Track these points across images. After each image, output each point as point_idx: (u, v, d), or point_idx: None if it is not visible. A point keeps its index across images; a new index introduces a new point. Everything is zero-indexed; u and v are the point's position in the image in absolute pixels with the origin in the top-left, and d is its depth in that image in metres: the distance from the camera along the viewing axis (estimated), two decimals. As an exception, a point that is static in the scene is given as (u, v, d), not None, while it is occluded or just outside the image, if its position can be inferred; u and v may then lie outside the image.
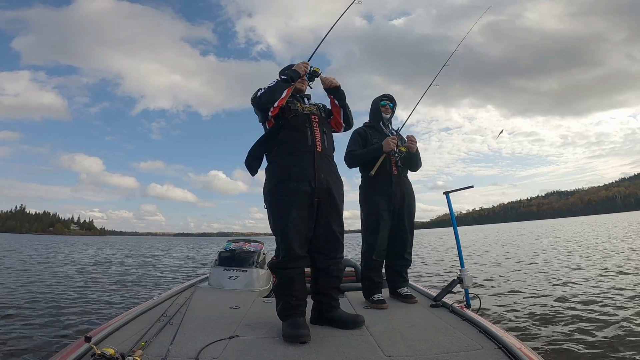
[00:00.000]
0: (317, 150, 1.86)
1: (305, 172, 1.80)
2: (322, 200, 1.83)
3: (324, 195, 1.83)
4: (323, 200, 1.84)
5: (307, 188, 1.78)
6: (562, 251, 10.46)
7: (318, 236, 1.84)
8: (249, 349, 1.50)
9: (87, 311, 3.99)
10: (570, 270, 6.56)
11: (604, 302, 3.86)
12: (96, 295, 5.01)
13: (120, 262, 11.57)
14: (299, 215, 1.76)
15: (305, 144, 1.86)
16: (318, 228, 1.84)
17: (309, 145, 1.86)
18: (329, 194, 1.85)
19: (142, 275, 7.89)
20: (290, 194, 1.77)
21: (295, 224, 1.75)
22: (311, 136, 1.88)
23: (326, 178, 1.85)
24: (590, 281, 5.24)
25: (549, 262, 8.05)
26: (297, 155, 1.84)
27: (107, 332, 1.61)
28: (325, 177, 1.84)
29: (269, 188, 1.86)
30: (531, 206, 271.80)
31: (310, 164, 1.82)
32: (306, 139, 1.87)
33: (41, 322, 3.42)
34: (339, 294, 1.94)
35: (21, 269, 8.28)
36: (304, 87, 2.06)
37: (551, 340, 2.80)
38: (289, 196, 1.77)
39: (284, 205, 1.77)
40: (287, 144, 1.87)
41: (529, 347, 1.53)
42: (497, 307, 3.94)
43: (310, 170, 1.81)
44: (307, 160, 1.83)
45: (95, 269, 9.00)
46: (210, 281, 3.06)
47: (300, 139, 1.87)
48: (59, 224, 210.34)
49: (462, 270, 2.28)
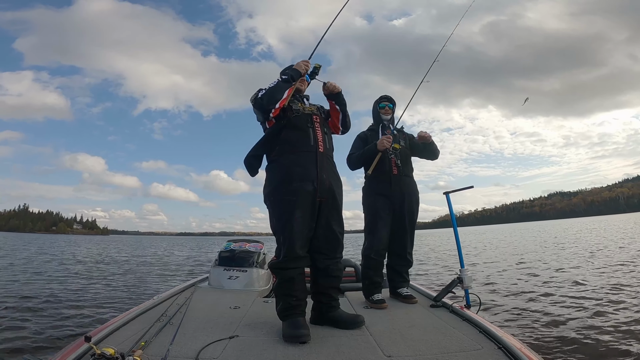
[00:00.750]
0: (319, 151, 1.86)
1: (307, 172, 1.80)
2: (323, 200, 1.83)
3: (326, 195, 1.83)
4: (325, 200, 1.83)
5: (309, 188, 1.78)
6: (562, 251, 10.44)
7: (318, 236, 1.84)
8: (249, 349, 1.50)
9: (87, 311, 3.99)
10: (571, 270, 6.55)
11: (604, 303, 3.85)
12: (96, 295, 5.02)
13: (121, 261, 11.58)
14: (301, 215, 1.75)
15: (307, 144, 1.86)
16: (319, 228, 1.83)
17: (311, 145, 1.86)
18: (330, 194, 1.85)
19: (144, 275, 7.91)
20: (293, 193, 1.76)
21: (298, 224, 1.74)
22: (313, 136, 1.88)
23: (328, 178, 1.85)
24: (591, 281, 5.23)
25: (549, 262, 8.04)
26: (300, 155, 1.84)
27: (107, 332, 1.61)
28: (328, 177, 1.85)
29: (271, 188, 1.85)
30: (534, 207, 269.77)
31: (313, 164, 1.82)
32: (308, 139, 1.87)
33: (41, 322, 3.43)
34: (339, 294, 1.93)
35: (21, 269, 8.29)
36: (303, 88, 2.06)
37: (551, 340, 2.79)
38: (291, 196, 1.76)
39: (287, 205, 1.76)
40: (289, 143, 1.86)
41: (529, 347, 1.53)
42: (497, 307, 3.93)
43: (313, 170, 1.81)
44: (309, 160, 1.83)
45: (96, 269, 9.02)
46: (210, 281, 3.06)
47: (302, 139, 1.86)
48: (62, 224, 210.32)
49: (462, 270, 2.28)
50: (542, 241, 16.05)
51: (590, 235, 18.16)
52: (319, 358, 1.41)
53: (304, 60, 1.95)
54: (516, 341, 1.52)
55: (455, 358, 1.40)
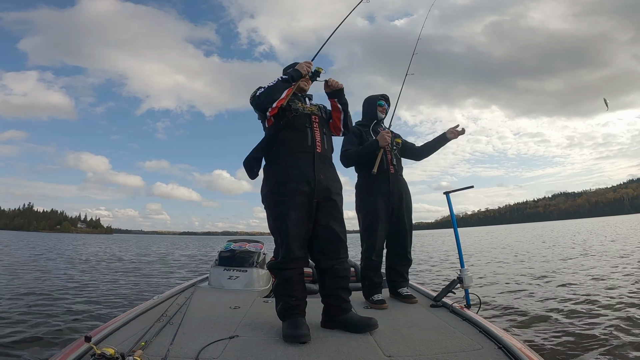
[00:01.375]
0: (317, 151, 1.85)
1: (304, 173, 1.79)
2: (321, 201, 1.82)
3: (324, 196, 1.82)
4: (322, 201, 1.83)
5: (306, 189, 1.77)
6: (563, 252, 10.41)
7: (320, 237, 1.82)
8: (249, 349, 1.50)
9: (87, 311, 4.00)
10: (571, 271, 6.53)
11: (605, 303, 3.84)
12: (97, 295, 5.02)
13: (123, 260, 11.60)
14: (298, 216, 1.75)
15: (305, 145, 1.85)
16: (319, 229, 1.81)
17: (308, 145, 1.85)
18: (328, 194, 1.84)
19: (147, 274, 7.91)
20: (289, 194, 1.76)
21: (295, 225, 1.74)
22: (311, 136, 1.87)
23: (326, 179, 1.84)
24: (592, 282, 5.22)
25: (550, 262, 8.02)
26: (296, 156, 1.83)
27: (107, 332, 1.61)
28: (325, 178, 1.83)
29: (267, 189, 1.85)
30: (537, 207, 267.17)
31: (310, 165, 1.81)
32: (306, 140, 1.85)
33: (41, 322, 3.42)
34: (349, 295, 1.87)
35: (21, 268, 8.31)
36: (306, 87, 2.03)
37: (551, 340, 2.78)
38: (287, 197, 1.76)
39: (283, 205, 1.76)
40: (286, 144, 1.85)
41: (529, 347, 1.52)
42: (497, 307, 3.92)
43: (310, 171, 1.80)
44: (306, 161, 1.82)
45: (97, 268, 9.02)
46: (210, 281, 3.07)
47: (300, 140, 1.85)
48: (66, 222, 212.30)
49: (462, 270, 2.28)
50: (547, 241, 16.01)
51: (591, 236, 18.10)
52: (319, 358, 1.41)
53: (307, 62, 1.93)
54: (516, 341, 1.52)
55: (456, 358, 1.40)
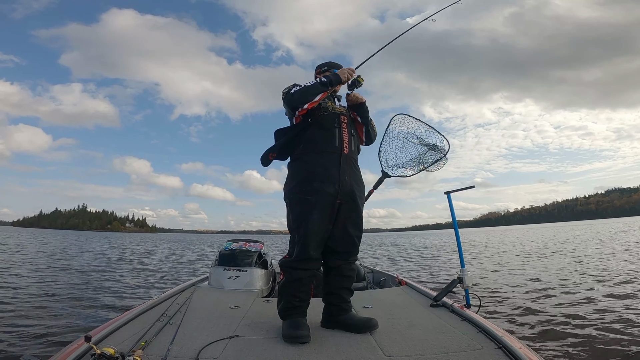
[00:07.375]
0: (344, 152, 1.83)
1: (329, 173, 1.77)
2: (343, 202, 1.80)
3: (346, 198, 1.80)
4: (344, 203, 1.81)
5: (330, 189, 1.75)
6: (563, 252, 10.44)
7: (335, 238, 1.81)
8: (249, 349, 1.50)
9: (87, 310, 3.99)
10: (572, 271, 6.55)
11: (605, 303, 3.86)
12: (97, 295, 5.01)
13: (138, 259, 11.55)
14: (319, 216, 1.73)
15: (332, 145, 1.83)
16: (336, 230, 1.80)
17: (335, 146, 1.83)
18: (351, 196, 1.82)
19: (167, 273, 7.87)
20: (313, 193, 1.74)
21: (314, 225, 1.72)
22: (339, 137, 1.85)
23: (350, 180, 1.82)
24: (592, 282, 5.23)
25: (550, 262, 8.04)
26: (323, 155, 1.81)
27: (107, 332, 1.60)
28: (350, 180, 1.81)
29: (291, 186, 1.83)
30: (589, 204, 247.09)
31: (336, 165, 1.79)
32: (334, 140, 1.84)
33: (41, 321, 3.42)
34: (350, 296, 1.88)
35: (27, 268, 8.27)
36: (338, 87, 1.98)
37: (551, 341, 2.79)
38: (312, 196, 1.74)
39: (307, 204, 1.74)
40: (313, 142, 1.83)
41: (529, 347, 1.53)
42: (497, 307, 3.93)
43: (335, 171, 1.78)
44: (332, 161, 1.80)
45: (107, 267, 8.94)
46: (210, 281, 3.06)
47: (327, 139, 1.83)
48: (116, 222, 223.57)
49: (463, 270, 2.28)
50: (544, 243, 15.99)
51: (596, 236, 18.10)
52: (319, 358, 1.41)
53: (350, 69, 1.90)
54: (516, 341, 1.52)
55: (455, 358, 1.40)
